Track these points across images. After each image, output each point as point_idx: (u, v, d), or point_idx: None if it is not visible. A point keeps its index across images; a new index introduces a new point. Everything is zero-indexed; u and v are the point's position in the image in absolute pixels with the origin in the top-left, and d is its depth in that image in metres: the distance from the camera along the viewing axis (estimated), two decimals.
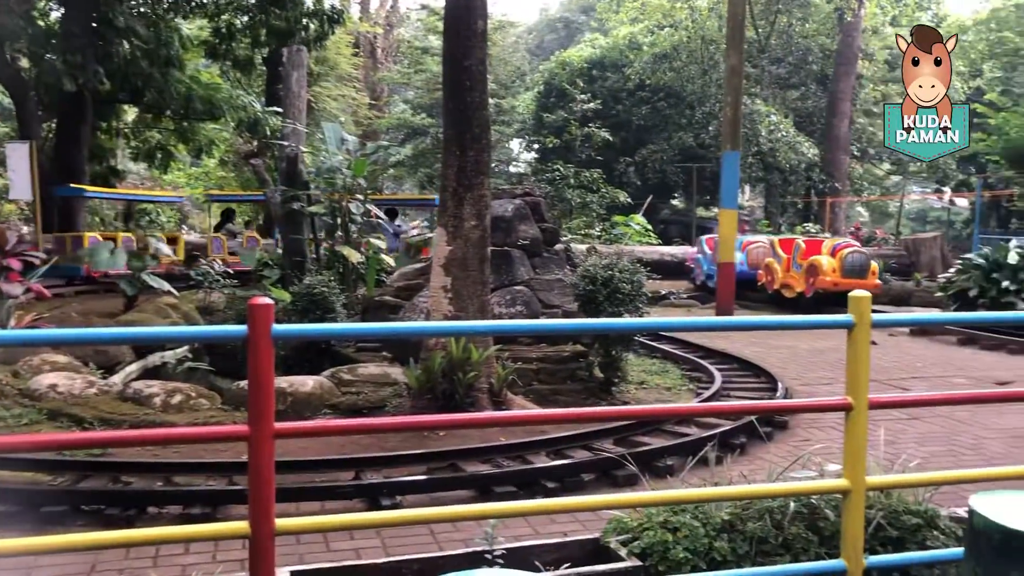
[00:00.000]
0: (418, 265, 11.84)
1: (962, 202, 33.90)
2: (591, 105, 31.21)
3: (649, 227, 26.50)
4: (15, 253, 9.23)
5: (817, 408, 5.70)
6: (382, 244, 13.47)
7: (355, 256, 11.74)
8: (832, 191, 29.98)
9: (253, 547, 2.69)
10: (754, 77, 31.35)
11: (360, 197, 12.22)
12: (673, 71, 32.65)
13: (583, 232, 22.47)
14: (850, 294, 3.17)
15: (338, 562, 3.57)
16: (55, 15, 19.35)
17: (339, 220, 12.31)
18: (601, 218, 25.06)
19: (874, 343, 11.92)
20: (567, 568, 3.35)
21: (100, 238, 16.46)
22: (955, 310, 14.20)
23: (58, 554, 4.24)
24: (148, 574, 4.11)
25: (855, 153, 33.46)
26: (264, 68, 23.73)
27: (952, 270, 15.41)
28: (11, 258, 9.03)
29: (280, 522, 2.74)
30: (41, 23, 18.02)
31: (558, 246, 11.22)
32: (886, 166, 37.36)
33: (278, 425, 2.74)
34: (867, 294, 3.12)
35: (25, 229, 21.37)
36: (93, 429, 6.87)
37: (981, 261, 14.40)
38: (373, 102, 35.55)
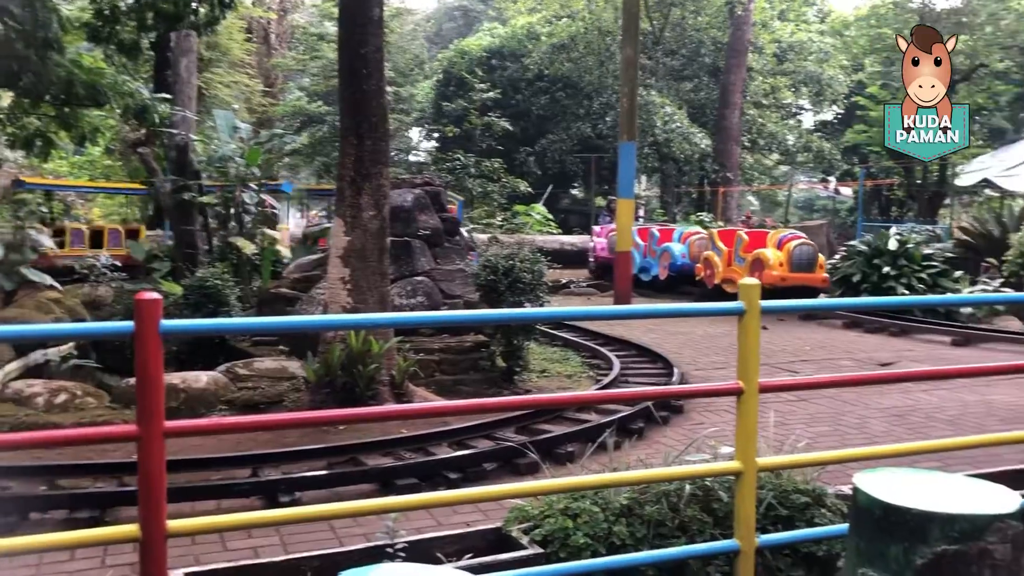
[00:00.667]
0: (315, 256, 11.64)
1: (846, 191, 35.41)
2: (490, 94, 31.24)
3: (550, 216, 26.76)
4: None
5: (710, 393, 5.87)
6: (277, 234, 13.20)
7: (249, 247, 11.46)
8: (724, 181, 30.83)
9: (144, 550, 2.60)
10: (649, 69, 31.93)
11: (254, 186, 11.93)
12: (571, 62, 32.97)
13: (484, 221, 22.51)
14: (740, 282, 3.27)
15: (235, 562, 3.48)
16: None
17: (232, 210, 11.99)
18: (502, 207, 25.16)
19: (765, 328, 12.35)
20: (469, 559, 3.36)
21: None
22: (840, 295, 14.81)
23: None
24: None
25: (746, 144, 34.47)
26: (152, 53, 22.85)
27: (837, 256, 16.06)
28: None
29: (173, 523, 2.65)
30: None
31: (458, 236, 11.20)
32: (775, 156, 38.64)
33: (169, 424, 2.65)
34: (756, 282, 3.22)
35: None
36: None
37: (864, 248, 15.05)
38: (267, 89, 34.65)
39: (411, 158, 37.02)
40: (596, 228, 22.34)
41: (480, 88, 31.19)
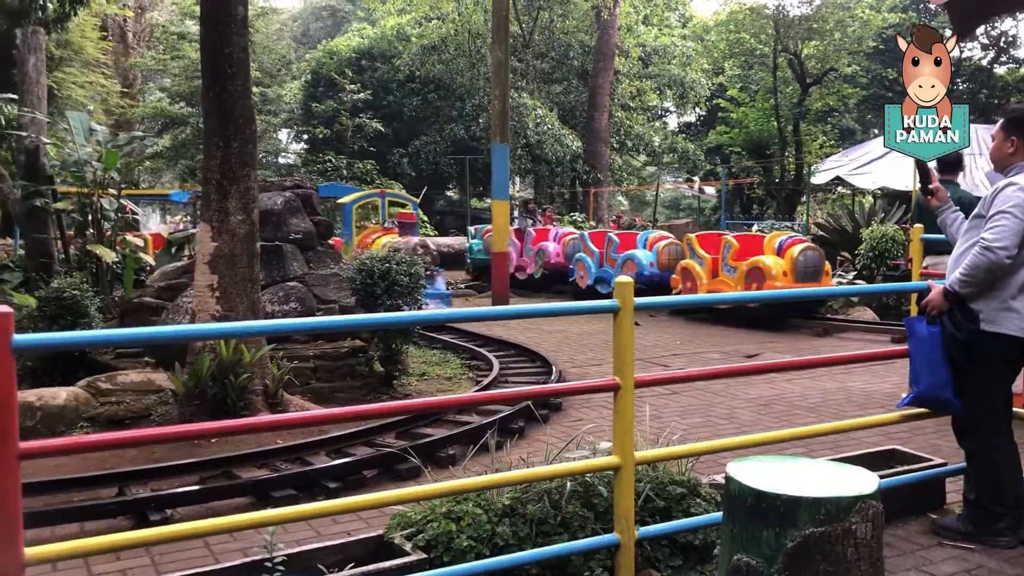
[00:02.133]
0: (180, 263, 11.19)
1: (710, 190, 36.79)
2: (361, 96, 30.90)
3: (425, 218, 26.66)
4: None
5: (587, 390, 5.95)
6: (139, 242, 12.62)
7: (110, 255, 10.90)
8: (595, 181, 31.50)
9: None
10: (520, 71, 32.30)
11: (113, 192, 11.37)
12: (442, 63, 32.99)
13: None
14: (616, 280, 3.33)
15: None
16: None
17: (90, 217, 11.38)
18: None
19: (637, 324, 12.68)
20: (351, 569, 3.29)
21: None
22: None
23: None
24: None
25: (615, 145, 35.34)
26: None
27: None
28: None
29: (31, 551, 2.50)
30: None
31: (331, 239, 11.01)
32: (642, 157, 39.76)
33: (24, 444, 2.49)
34: (630, 280, 3.29)
35: None
36: None
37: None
38: (125, 90, 33.16)
39: (281, 160, 36.20)
40: (512, 227, 19.80)
41: (350, 89, 30.81)
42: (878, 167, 22.05)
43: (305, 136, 35.57)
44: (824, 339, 11.75)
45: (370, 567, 3.27)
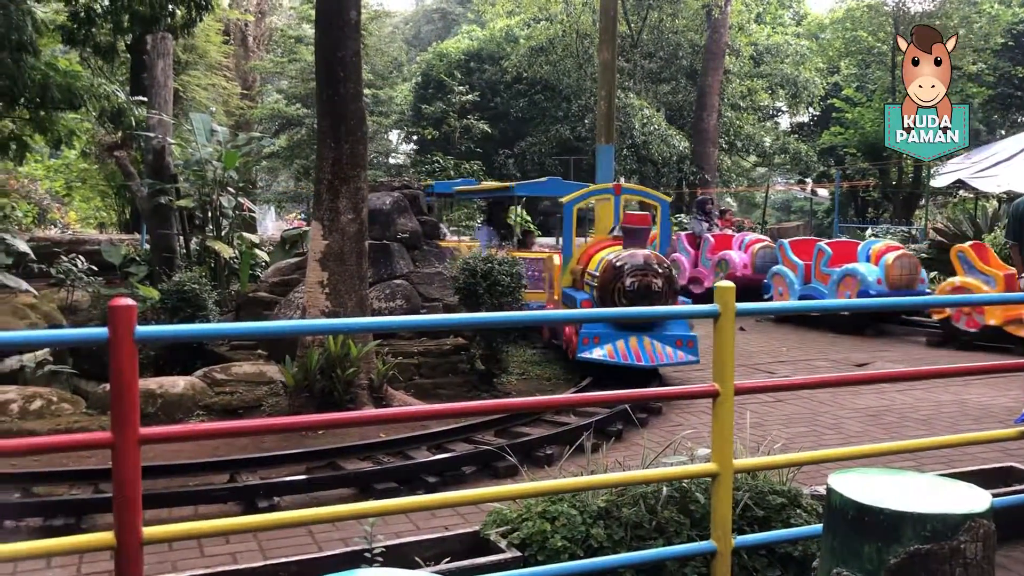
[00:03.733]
0: (293, 260, 11.59)
1: (823, 192, 35.67)
2: (469, 97, 31.26)
3: (528, 219, 26.77)
4: None
5: (686, 395, 5.90)
6: (255, 238, 13.12)
7: (227, 251, 11.39)
8: (702, 182, 30.99)
9: (119, 558, 2.59)
10: (627, 71, 32.08)
11: (232, 190, 11.87)
12: (549, 64, 33.05)
13: (464, 224, 22.50)
14: (716, 284, 3.29)
15: (212, 568, 3.46)
16: None
17: (210, 214, 11.92)
18: (481, 210, 25.16)
19: (742, 329, 12.45)
20: (447, 563, 3.36)
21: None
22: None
23: None
24: None
25: (723, 146, 34.69)
26: (128, 55, 22.69)
27: None
28: None
29: (149, 530, 2.64)
30: None
31: (438, 239, 11.21)
32: (752, 158, 38.91)
33: (144, 430, 2.64)
34: (731, 285, 3.24)
35: None
36: None
37: None
38: (245, 92, 34.47)
39: (390, 160, 36.96)
40: (682, 233, 17.53)
41: (459, 91, 31.21)
42: (1004, 170, 20.93)
43: (414, 137, 36.23)
44: (939, 349, 11.26)
45: (465, 562, 3.33)
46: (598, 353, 8.28)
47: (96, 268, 13.00)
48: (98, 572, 4.15)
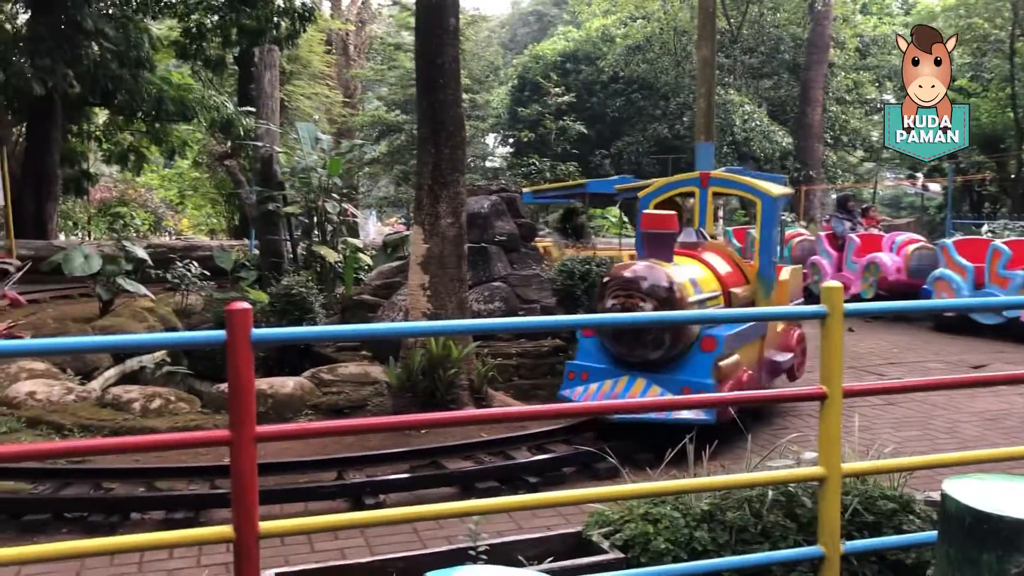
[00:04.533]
0: (395, 263, 11.84)
1: (935, 187, 34.23)
2: (565, 98, 31.26)
3: (626, 219, 26.61)
4: None
5: (792, 398, 5.77)
6: (359, 242, 13.44)
7: (332, 255, 11.72)
8: (807, 179, 30.18)
9: (238, 550, 2.71)
10: (727, 67, 31.52)
11: (336, 196, 12.20)
12: (646, 63, 32.76)
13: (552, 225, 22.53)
14: (823, 285, 3.22)
15: (323, 563, 3.58)
16: (22, 18, 19.13)
17: (315, 219, 12.28)
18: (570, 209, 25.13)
19: (851, 330, 12.07)
20: (550, 562, 3.39)
21: None
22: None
23: (43, 563, 4.22)
24: None
25: (828, 141, 33.70)
26: (236, 68, 23.59)
27: None
28: None
29: (264, 525, 2.75)
30: (8, 27, 17.81)
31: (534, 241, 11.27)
32: (859, 153, 37.68)
33: (259, 428, 2.75)
34: (838, 285, 3.17)
35: None
36: (73, 436, 6.83)
37: None
38: (347, 100, 35.39)
39: (487, 164, 37.29)
40: (821, 234, 16.03)
41: (555, 92, 31.24)
42: None
43: (510, 140, 36.45)
44: None
45: (568, 562, 3.35)
46: (578, 393, 6.60)
47: (208, 273, 13.57)
48: (216, 564, 4.34)
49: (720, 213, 25.56)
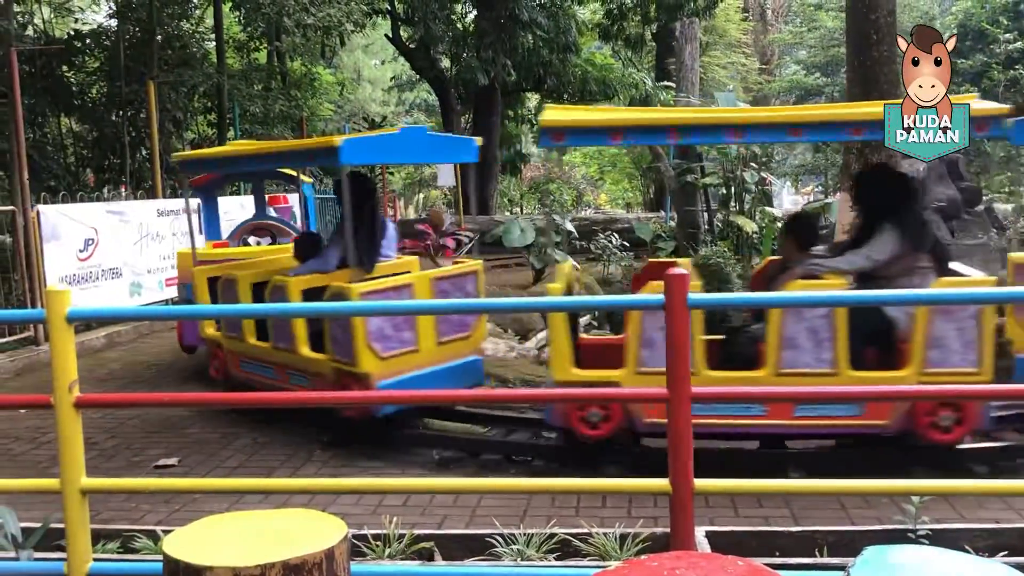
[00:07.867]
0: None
1: None
2: (1017, 44, 27.48)
3: None
4: (448, 233, 10.47)
5: None
6: (775, 211, 13.11)
7: (750, 225, 11.59)
8: None
9: (675, 504, 2.86)
10: None
11: (754, 165, 12.03)
12: None
13: (1007, 189, 19.93)
14: None
15: (750, 527, 3.63)
16: (470, 16, 21.48)
17: (733, 190, 12.23)
18: None
19: None
20: (1004, 556, 3.09)
21: None
22: None
23: (496, 495, 4.80)
24: (575, 521, 4.49)
25: None
26: (653, 44, 24.21)
27: None
28: (447, 237, 10.26)
29: (699, 482, 2.87)
30: (459, 26, 20.12)
31: (979, 207, 10.12)
32: None
33: (695, 389, 2.86)
34: None
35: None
36: (516, 388, 7.62)
37: None
38: (763, 66, 34.58)
39: None
40: None
41: (1004, 39, 27.58)
42: None
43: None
44: None
45: None
46: None
47: (627, 244, 14.19)
48: (644, 516, 4.58)
49: None
